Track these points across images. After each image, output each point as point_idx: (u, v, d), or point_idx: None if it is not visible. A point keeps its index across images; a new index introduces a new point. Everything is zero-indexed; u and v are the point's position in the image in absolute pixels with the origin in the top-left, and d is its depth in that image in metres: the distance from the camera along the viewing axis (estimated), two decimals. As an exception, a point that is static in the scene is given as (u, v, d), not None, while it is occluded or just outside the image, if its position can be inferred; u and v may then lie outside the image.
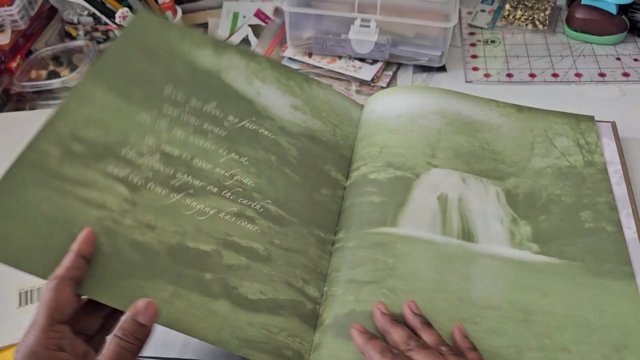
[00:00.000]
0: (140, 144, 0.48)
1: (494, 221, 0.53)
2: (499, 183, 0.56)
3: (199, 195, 0.48)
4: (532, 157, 0.58)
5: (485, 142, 0.59)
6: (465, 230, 0.52)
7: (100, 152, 0.46)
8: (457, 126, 0.60)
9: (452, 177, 0.55)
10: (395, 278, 0.47)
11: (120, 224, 0.43)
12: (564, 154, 0.58)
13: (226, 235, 0.47)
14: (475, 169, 0.57)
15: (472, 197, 0.54)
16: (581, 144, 0.59)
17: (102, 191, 0.44)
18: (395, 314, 0.44)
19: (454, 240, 0.51)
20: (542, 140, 0.59)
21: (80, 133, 0.46)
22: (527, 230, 0.52)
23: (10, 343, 0.50)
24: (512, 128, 0.60)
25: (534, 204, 0.54)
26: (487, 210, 0.53)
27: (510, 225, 0.52)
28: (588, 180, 0.55)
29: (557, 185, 0.55)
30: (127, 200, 0.45)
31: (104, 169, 0.45)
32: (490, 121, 0.61)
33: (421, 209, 0.52)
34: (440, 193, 0.54)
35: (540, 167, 0.57)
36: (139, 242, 0.43)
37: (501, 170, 0.57)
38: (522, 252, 0.50)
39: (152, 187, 0.46)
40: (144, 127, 0.49)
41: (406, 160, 0.56)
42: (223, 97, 0.55)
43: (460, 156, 0.57)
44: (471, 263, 0.49)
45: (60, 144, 0.45)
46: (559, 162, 0.57)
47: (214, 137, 0.52)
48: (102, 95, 0.49)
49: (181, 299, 0.42)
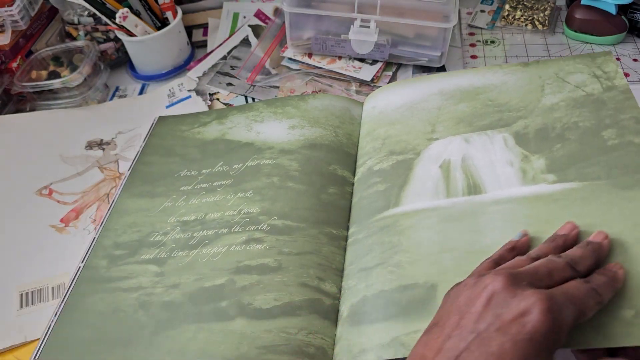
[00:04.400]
0: (164, 226, 0.56)
1: (502, 166, 0.49)
2: (505, 130, 0.52)
3: (212, 241, 0.53)
4: (542, 97, 0.54)
5: (489, 99, 0.56)
6: (471, 185, 0.49)
7: (135, 247, 0.55)
8: (458, 97, 0.58)
9: (453, 142, 0.54)
10: (400, 253, 0.47)
11: (153, 294, 0.50)
12: (578, 86, 0.53)
13: (237, 263, 0.50)
14: (479, 125, 0.54)
15: (476, 153, 0.52)
16: (598, 74, 0.54)
17: (138, 276, 0.52)
18: (402, 285, 0.44)
19: (459, 199, 0.49)
20: (552, 81, 0.55)
21: (119, 240, 0.56)
22: (541, 163, 0.48)
23: (11, 345, 0.50)
24: (519, 80, 0.57)
25: (547, 136, 0.50)
26: (493, 160, 0.50)
27: (522, 164, 0.49)
28: (609, 103, 0.50)
29: (573, 114, 0.51)
30: (157, 274, 0.52)
31: (139, 258, 0.53)
32: (494, 82, 0.58)
33: (422, 182, 0.51)
34: (442, 161, 0.52)
35: (553, 103, 0.53)
36: (167, 301, 0.49)
37: (507, 118, 0.53)
38: (537, 186, 0.46)
39: (175, 254, 0.53)
40: (166, 211, 0.58)
41: (407, 144, 0.56)
42: (228, 153, 0.63)
43: (461, 121, 0.55)
44: (479, 215, 0.46)
45: (106, 255, 0.54)
46: (573, 94, 0.53)
47: (223, 189, 0.58)
48: (133, 204, 0.59)
49: (202, 332, 0.45)
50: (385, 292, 0.45)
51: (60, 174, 0.67)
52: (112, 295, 0.50)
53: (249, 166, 0.60)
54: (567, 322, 0.30)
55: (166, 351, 0.45)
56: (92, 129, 0.72)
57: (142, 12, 0.78)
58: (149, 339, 0.46)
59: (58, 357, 0.47)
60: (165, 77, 0.81)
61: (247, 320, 0.45)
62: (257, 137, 0.64)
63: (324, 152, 0.60)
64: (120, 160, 0.68)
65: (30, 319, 0.52)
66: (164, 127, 0.69)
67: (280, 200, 0.55)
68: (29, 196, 0.64)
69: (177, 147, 0.66)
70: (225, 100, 0.75)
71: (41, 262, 0.57)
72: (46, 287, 0.55)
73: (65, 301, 0.51)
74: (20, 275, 0.56)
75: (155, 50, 0.78)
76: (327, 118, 0.63)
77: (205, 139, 0.66)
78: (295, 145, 0.61)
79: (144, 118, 0.73)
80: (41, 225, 0.61)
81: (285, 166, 0.58)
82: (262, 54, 0.80)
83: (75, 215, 0.62)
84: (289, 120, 0.64)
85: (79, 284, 0.52)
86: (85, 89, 0.75)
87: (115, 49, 0.82)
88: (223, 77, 0.78)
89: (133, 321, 0.48)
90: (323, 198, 0.55)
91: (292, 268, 0.49)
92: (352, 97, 0.71)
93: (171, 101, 0.76)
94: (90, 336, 0.47)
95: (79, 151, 0.70)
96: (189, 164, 0.63)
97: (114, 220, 0.58)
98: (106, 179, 0.66)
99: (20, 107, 0.78)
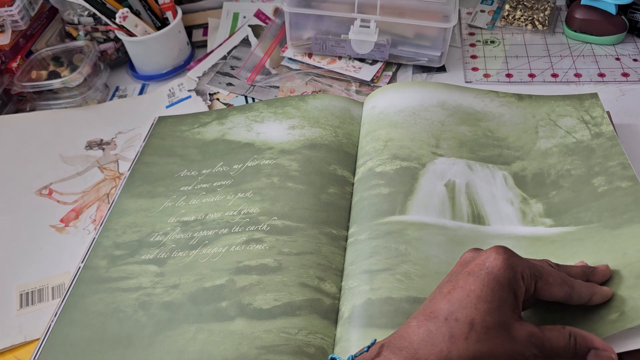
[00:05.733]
0: (164, 226, 0.56)
1: (503, 203, 0.52)
2: (505, 168, 0.56)
3: (213, 242, 0.53)
4: (537, 140, 0.58)
5: (488, 130, 0.59)
6: (475, 214, 0.52)
7: (135, 248, 0.54)
8: (459, 117, 0.60)
9: (457, 165, 0.56)
10: (409, 263, 0.47)
11: (153, 294, 0.50)
12: (569, 132, 0.57)
13: (237, 263, 0.50)
14: (480, 156, 0.57)
15: (480, 183, 0.54)
16: (586, 119, 0.58)
17: (138, 277, 0.52)
18: (411, 297, 0.45)
19: (464, 224, 0.51)
20: (545, 123, 0.59)
21: (119, 240, 0.56)
22: (539, 208, 0.52)
23: (11, 345, 0.50)
24: (514, 115, 0.61)
25: (544, 182, 0.53)
26: (495, 194, 0.53)
27: (521, 205, 0.52)
28: (597, 150, 0.54)
29: (565, 161, 0.55)
30: (157, 274, 0.51)
31: (139, 258, 0.53)
32: (492, 111, 0.61)
33: (429, 196, 0.53)
34: (447, 180, 0.54)
35: (547, 148, 0.57)
36: (167, 302, 0.49)
37: (506, 156, 0.57)
38: (536, 228, 0.50)
39: (175, 255, 0.53)
40: (166, 211, 0.58)
41: (411, 151, 0.57)
42: (228, 154, 0.63)
43: (464, 145, 0.58)
44: (484, 244, 0.48)
45: (106, 256, 0.54)
46: (565, 141, 0.57)
47: (223, 189, 0.58)
48: (133, 204, 0.59)
49: (202, 332, 0.45)
50: (393, 299, 0.45)
51: (60, 174, 0.67)
52: (112, 295, 0.50)
53: (249, 166, 0.60)
54: (524, 272, 0.36)
55: (166, 351, 0.45)
56: (92, 129, 0.72)
57: (142, 12, 0.78)
58: (148, 339, 0.46)
59: (58, 357, 0.47)
60: (165, 77, 0.81)
61: (247, 321, 0.45)
62: (257, 138, 0.64)
63: (323, 152, 0.60)
64: (120, 160, 0.68)
65: (30, 319, 0.52)
66: (164, 127, 0.69)
67: (280, 200, 0.55)
68: (29, 196, 0.64)
69: (177, 147, 0.66)
70: (225, 100, 0.75)
71: (41, 262, 0.57)
72: (46, 287, 0.55)
73: (65, 301, 0.51)
74: (20, 275, 0.56)
75: (155, 50, 0.78)
76: (327, 118, 0.64)
77: (205, 139, 0.66)
78: (295, 145, 0.61)
79: (144, 118, 0.73)
80: (41, 225, 0.61)
81: (285, 166, 0.58)
82: (262, 54, 0.80)
83: (75, 215, 0.62)
84: (289, 121, 0.64)
85: (78, 284, 0.52)
86: (85, 89, 0.75)
87: (115, 49, 0.83)
88: (223, 77, 0.78)
89: (133, 321, 0.48)
90: (323, 198, 0.55)
91: (292, 268, 0.49)
92: (352, 97, 0.71)
93: (171, 101, 0.76)
94: (90, 336, 0.47)
95: (79, 151, 0.70)
96: (189, 164, 0.63)
97: (113, 220, 0.58)
98: (106, 179, 0.66)
99: (20, 107, 0.78)
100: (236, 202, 0.56)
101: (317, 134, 0.61)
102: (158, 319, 0.48)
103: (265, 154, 0.61)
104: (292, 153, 0.60)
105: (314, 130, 0.62)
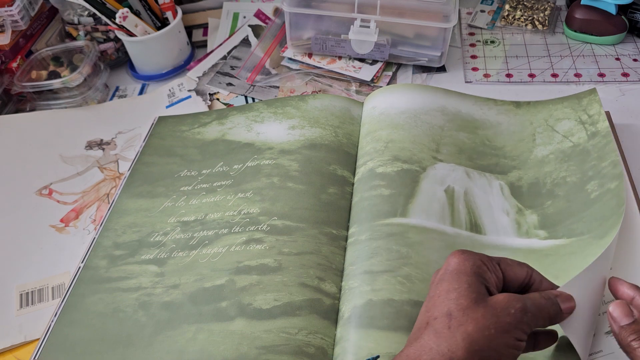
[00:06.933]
0: (164, 226, 0.56)
1: (499, 214, 0.53)
2: (502, 177, 0.56)
3: (213, 242, 0.53)
4: (534, 148, 0.58)
5: (486, 138, 0.60)
6: (473, 222, 0.52)
7: (135, 247, 0.54)
8: (458, 124, 0.60)
9: (457, 171, 0.56)
10: (410, 266, 0.47)
11: (153, 294, 0.50)
12: (566, 136, 0.58)
13: (237, 263, 0.50)
14: (478, 164, 0.57)
15: (477, 191, 0.55)
16: (583, 119, 0.58)
17: (138, 277, 0.52)
18: (413, 300, 0.45)
19: (462, 232, 0.51)
20: (543, 129, 0.59)
21: (119, 240, 0.56)
22: (534, 219, 0.52)
23: (10, 345, 0.50)
24: (512, 124, 0.61)
25: (539, 192, 0.54)
26: (492, 203, 0.54)
27: (517, 216, 0.53)
28: (593, 151, 0.55)
29: (561, 168, 0.55)
30: (157, 274, 0.51)
31: (139, 258, 0.53)
32: (490, 119, 0.62)
33: (430, 201, 0.53)
34: (447, 186, 0.55)
35: (543, 156, 0.57)
36: (167, 302, 0.49)
37: (503, 165, 0.57)
38: (530, 240, 0.51)
39: (175, 255, 0.53)
40: (166, 211, 0.58)
41: (412, 154, 0.57)
42: (228, 154, 0.63)
43: (463, 152, 0.58)
44: None
45: (106, 256, 0.54)
46: (561, 146, 0.57)
47: (223, 189, 0.58)
48: (133, 204, 0.59)
49: (202, 332, 0.45)
50: (395, 301, 0.45)
51: (60, 174, 0.67)
52: (112, 295, 0.50)
53: (249, 166, 0.60)
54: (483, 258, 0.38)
55: (166, 351, 0.45)
56: (92, 129, 0.72)
57: (142, 12, 0.78)
58: (148, 339, 0.46)
59: (58, 357, 0.47)
60: (165, 77, 0.81)
61: (247, 321, 0.45)
62: (257, 138, 0.64)
63: (323, 152, 0.60)
64: (120, 160, 0.68)
65: (30, 319, 0.52)
66: (164, 127, 0.69)
67: (280, 200, 0.55)
68: (29, 196, 0.64)
69: (177, 147, 0.66)
70: (225, 100, 0.75)
71: (41, 262, 0.57)
72: (46, 287, 0.55)
73: (65, 301, 0.51)
74: (20, 275, 0.56)
75: (155, 50, 0.78)
76: (327, 118, 0.63)
77: (205, 140, 0.66)
78: (295, 145, 0.61)
79: (144, 118, 0.73)
80: (41, 225, 0.61)
81: (285, 166, 0.58)
82: (262, 54, 0.80)
83: (75, 215, 0.62)
84: (289, 121, 0.64)
85: (78, 284, 0.52)
86: (85, 89, 0.75)
87: (115, 49, 0.83)
88: (223, 77, 0.78)
89: (133, 321, 0.48)
90: (323, 198, 0.55)
91: (292, 268, 0.49)
92: (352, 97, 0.71)
93: (171, 101, 0.76)
94: (90, 336, 0.47)
95: (79, 151, 0.70)
96: (189, 164, 0.63)
97: (113, 220, 0.58)
98: (106, 179, 0.66)
99: (20, 107, 0.78)
100: (236, 202, 0.56)
101: (317, 134, 0.61)
102: (158, 319, 0.47)
103: (265, 154, 0.61)
104: (292, 153, 0.60)
105: (314, 130, 0.62)
